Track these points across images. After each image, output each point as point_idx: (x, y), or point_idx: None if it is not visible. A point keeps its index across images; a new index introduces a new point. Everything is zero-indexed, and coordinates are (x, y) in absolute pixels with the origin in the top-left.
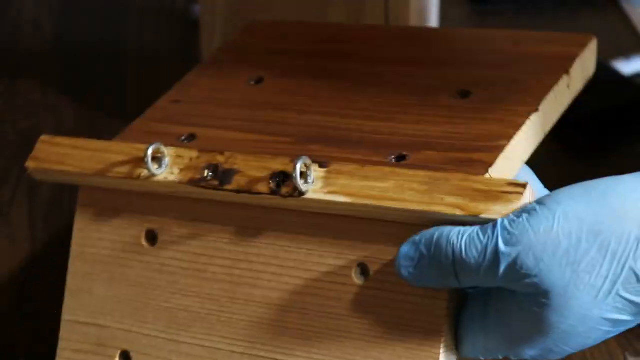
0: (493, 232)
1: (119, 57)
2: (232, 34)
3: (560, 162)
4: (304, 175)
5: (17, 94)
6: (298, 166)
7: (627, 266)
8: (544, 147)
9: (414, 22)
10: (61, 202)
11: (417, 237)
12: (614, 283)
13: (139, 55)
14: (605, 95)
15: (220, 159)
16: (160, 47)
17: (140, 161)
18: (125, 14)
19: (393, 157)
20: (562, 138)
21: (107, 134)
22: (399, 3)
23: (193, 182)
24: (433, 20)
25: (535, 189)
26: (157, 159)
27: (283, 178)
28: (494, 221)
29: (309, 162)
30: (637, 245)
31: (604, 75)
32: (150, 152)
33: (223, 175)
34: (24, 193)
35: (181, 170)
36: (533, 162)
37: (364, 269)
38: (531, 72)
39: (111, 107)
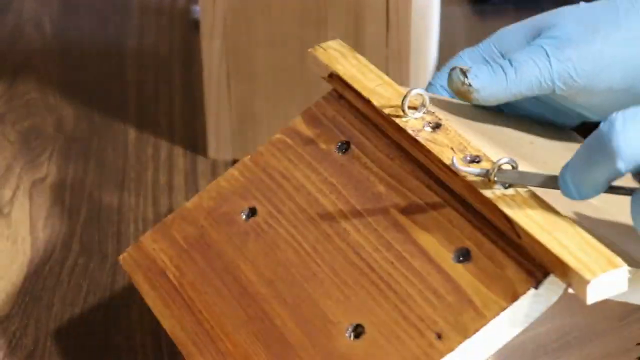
0: None
1: (119, 57)
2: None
3: None
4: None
5: (17, 94)
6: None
7: None
8: None
9: (414, 21)
10: (61, 202)
11: None
12: None
13: (139, 55)
14: None
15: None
16: (160, 47)
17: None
18: (125, 14)
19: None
20: None
21: (107, 134)
22: (400, 2)
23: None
24: (434, 20)
25: None
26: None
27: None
28: None
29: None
30: None
31: None
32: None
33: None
34: (25, 193)
35: None
36: None
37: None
38: None
39: (111, 107)
